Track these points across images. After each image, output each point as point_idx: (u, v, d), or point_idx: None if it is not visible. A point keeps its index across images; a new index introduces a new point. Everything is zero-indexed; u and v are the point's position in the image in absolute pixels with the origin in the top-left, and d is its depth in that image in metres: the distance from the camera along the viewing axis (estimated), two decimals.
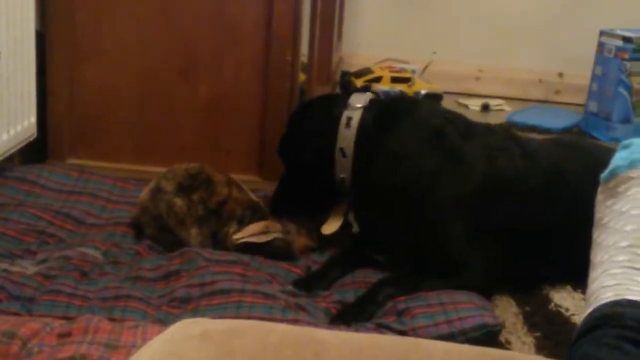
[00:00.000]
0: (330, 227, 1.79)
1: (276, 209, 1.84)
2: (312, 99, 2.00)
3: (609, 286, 1.02)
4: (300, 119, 1.82)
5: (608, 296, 1.01)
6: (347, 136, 1.69)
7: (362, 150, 1.68)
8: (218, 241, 1.76)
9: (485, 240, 1.62)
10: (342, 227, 1.80)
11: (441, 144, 1.66)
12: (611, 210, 1.09)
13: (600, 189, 1.13)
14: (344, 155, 1.69)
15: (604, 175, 1.12)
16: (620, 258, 1.04)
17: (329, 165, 1.71)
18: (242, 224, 1.76)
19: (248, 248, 1.72)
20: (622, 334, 0.93)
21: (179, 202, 1.74)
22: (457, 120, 1.72)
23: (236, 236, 1.72)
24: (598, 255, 1.08)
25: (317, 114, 1.77)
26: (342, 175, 1.71)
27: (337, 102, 1.75)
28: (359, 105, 1.71)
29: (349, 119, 1.69)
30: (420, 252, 1.64)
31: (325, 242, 1.82)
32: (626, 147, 1.12)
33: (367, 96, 1.74)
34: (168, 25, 2.07)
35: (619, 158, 1.11)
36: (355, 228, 1.83)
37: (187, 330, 0.86)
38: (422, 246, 1.64)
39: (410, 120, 1.68)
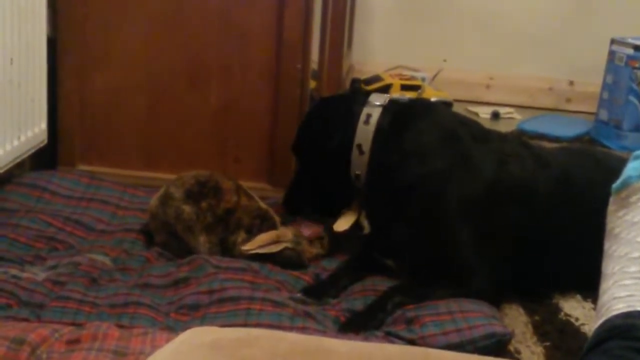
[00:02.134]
0: (342, 224, 1.79)
1: (289, 207, 1.84)
2: (330, 95, 1.98)
3: (620, 297, 1.02)
4: (318, 115, 1.83)
5: (619, 307, 1.00)
6: (365, 132, 1.70)
7: (378, 147, 1.69)
8: (226, 249, 1.76)
9: (493, 247, 1.62)
10: (353, 227, 1.80)
11: (454, 146, 1.66)
12: (623, 221, 1.09)
13: (612, 199, 1.12)
14: (361, 151, 1.70)
15: (615, 185, 1.11)
16: (632, 269, 1.04)
17: (345, 161, 1.71)
18: (250, 233, 1.76)
19: (258, 258, 1.71)
20: (633, 345, 0.93)
21: (187, 209, 1.74)
22: (471, 125, 1.73)
23: (245, 247, 1.72)
24: (609, 266, 1.07)
25: (336, 109, 1.78)
26: (357, 172, 1.71)
27: (356, 99, 1.77)
28: (378, 104, 1.72)
29: (369, 115, 1.70)
30: (428, 255, 1.64)
31: (335, 248, 1.81)
32: (638, 157, 1.11)
33: (386, 96, 1.76)
34: (178, 33, 2.07)
35: (631, 168, 1.10)
36: (367, 229, 1.83)
37: (197, 338, 0.86)
38: (430, 249, 1.64)
39: (426, 122, 1.69)
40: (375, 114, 1.70)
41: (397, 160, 1.67)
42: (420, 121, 1.69)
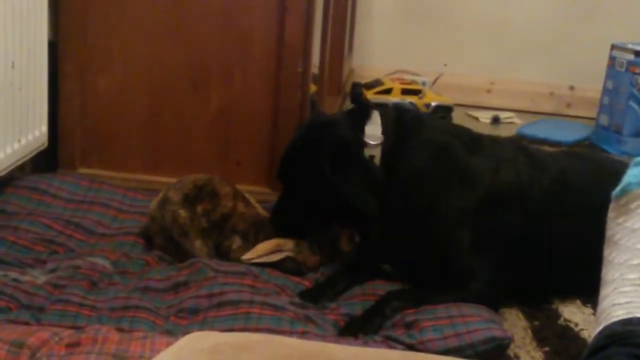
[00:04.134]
0: (348, 243, 1.80)
1: (278, 229, 1.78)
2: (325, 134, 1.72)
3: (620, 304, 1.02)
4: (328, 160, 1.67)
5: (619, 314, 1.01)
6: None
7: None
8: (221, 254, 1.75)
9: (491, 252, 1.62)
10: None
11: (447, 161, 1.67)
12: (623, 228, 1.09)
13: (611, 206, 1.13)
14: None
15: (615, 192, 1.12)
16: (632, 276, 1.04)
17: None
18: (246, 239, 1.75)
19: (258, 267, 1.70)
20: (633, 352, 0.93)
21: (183, 213, 1.74)
22: (462, 134, 1.73)
23: (246, 256, 1.70)
24: (609, 273, 1.08)
25: (344, 160, 1.67)
26: None
27: (355, 140, 1.67)
28: (374, 143, 1.67)
29: (372, 157, 1.68)
30: (426, 261, 1.65)
31: (335, 255, 1.81)
32: (638, 164, 1.12)
33: (378, 124, 1.69)
34: (179, 37, 2.07)
35: (631, 175, 1.10)
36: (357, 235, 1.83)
37: (197, 343, 0.86)
38: (428, 255, 1.65)
39: (417, 142, 1.68)
40: (377, 154, 1.67)
41: (396, 192, 1.67)
42: (412, 143, 1.68)
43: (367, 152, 1.67)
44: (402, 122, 1.71)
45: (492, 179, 1.65)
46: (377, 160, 1.67)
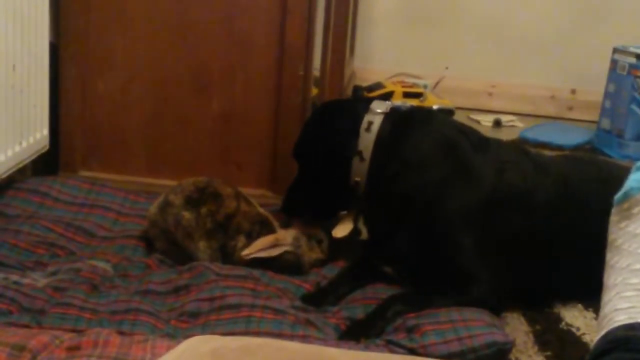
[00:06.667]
0: (342, 230, 1.79)
1: (288, 210, 1.85)
2: (332, 100, 1.98)
3: (622, 309, 1.02)
4: (320, 120, 1.82)
5: (621, 319, 1.00)
6: (366, 140, 1.70)
7: (379, 155, 1.69)
8: (226, 254, 1.75)
9: (493, 255, 1.62)
10: (352, 234, 1.80)
11: (452, 155, 1.67)
12: (625, 232, 1.08)
13: (614, 210, 1.12)
14: (361, 158, 1.70)
15: (617, 196, 1.11)
16: (634, 281, 1.03)
17: (346, 167, 1.71)
18: (250, 238, 1.76)
19: (257, 263, 1.71)
20: (635, 357, 0.93)
21: (187, 215, 1.74)
22: (470, 133, 1.74)
23: (245, 252, 1.72)
24: (611, 278, 1.07)
25: (338, 115, 1.78)
26: (357, 179, 1.71)
27: (358, 105, 1.77)
28: (379, 111, 1.72)
29: (370, 123, 1.70)
30: (429, 263, 1.65)
31: (335, 254, 1.81)
32: None
33: (388, 104, 1.76)
34: (180, 40, 2.07)
35: (633, 180, 1.10)
36: (365, 235, 1.83)
37: (198, 347, 0.86)
38: (430, 257, 1.64)
39: (425, 131, 1.70)
40: (377, 121, 1.70)
41: (396, 169, 1.67)
42: (419, 130, 1.70)
43: (368, 118, 1.71)
44: (413, 110, 1.75)
45: (497, 180, 1.65)
46: (375, 127, 1.70)
